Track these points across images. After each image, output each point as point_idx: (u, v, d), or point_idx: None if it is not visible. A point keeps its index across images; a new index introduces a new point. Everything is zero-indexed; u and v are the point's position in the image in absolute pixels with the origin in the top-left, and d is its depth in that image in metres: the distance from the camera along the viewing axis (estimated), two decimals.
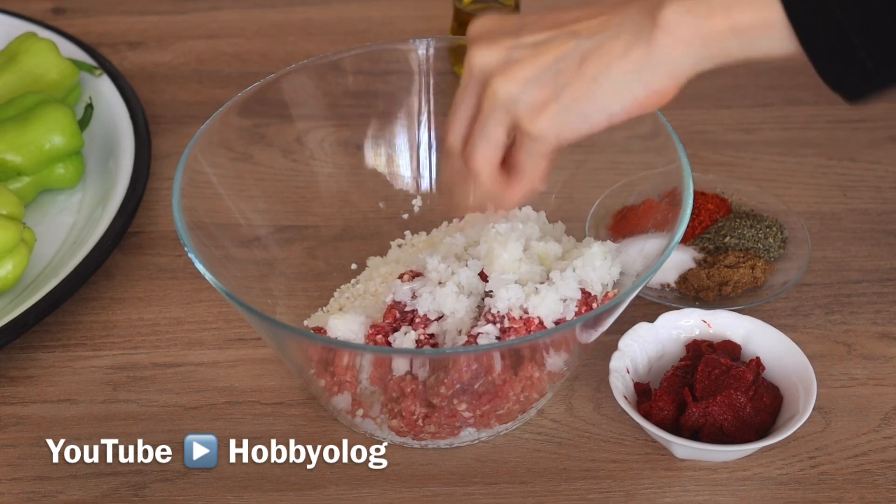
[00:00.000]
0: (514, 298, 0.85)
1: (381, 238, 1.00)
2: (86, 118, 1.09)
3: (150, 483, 0.87)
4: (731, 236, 1.00)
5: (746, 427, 0.86)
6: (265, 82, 0.95)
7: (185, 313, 0.99)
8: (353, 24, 1.29)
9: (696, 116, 1.16)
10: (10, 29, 1.19)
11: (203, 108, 1.17)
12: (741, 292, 0.98)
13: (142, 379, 0.94)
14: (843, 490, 0.86)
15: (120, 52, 1.26)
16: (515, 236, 0.88)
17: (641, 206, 0.97)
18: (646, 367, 0.91)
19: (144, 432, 0.89)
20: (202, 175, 0.91)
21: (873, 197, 1.08)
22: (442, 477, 0.87)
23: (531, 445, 0.89)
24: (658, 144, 0.91)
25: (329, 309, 0.96)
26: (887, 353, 0.95)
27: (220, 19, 1.30)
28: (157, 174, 1.10)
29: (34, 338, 0.97)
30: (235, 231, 0.94)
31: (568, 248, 0.91)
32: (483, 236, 0.89)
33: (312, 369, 0.86)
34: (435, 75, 1.00)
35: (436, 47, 0.99)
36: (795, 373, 0.88)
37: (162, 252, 1.04)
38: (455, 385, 0.83)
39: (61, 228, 1.04)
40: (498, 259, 0.87)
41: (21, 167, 1.03)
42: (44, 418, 0.91)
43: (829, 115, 1.16)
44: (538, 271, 0.87)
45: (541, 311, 0.85)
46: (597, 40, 0.77)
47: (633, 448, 0.89)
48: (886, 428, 0.90)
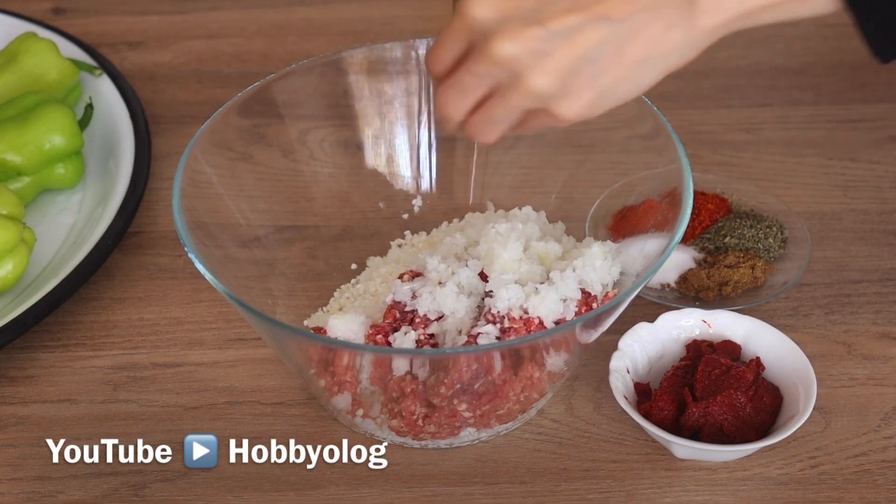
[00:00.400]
0: (514, 298, 0.85)
1: (381, 238, 1.00)
2: (86, 118, 1.09)
3: (150, 483, 0.87)
4: (731, 236, 1.00)
5: (746, 427, 0.86)
6: (265, 82, 0.95)
7: (185, 313, 0.99)
8: (353, 24, 1.29)
9: (696, 116, 1.16)
10: (10, 29, 1.19)
11: (203, 108, 1.17)
12: (741, 292, 0.98)
13: (142, 379, 0.94)
14: (843, 490, 0.86)
15: (120, 52, 1.26)
16: (515, 236, 0.88)
17: (641, 206, 0.97)
18: (646, 367, 0.91)
19: (144, 432, 0.89)
20: (202, 175, 0.91)
21: (873, 197, 1.08)
22: (442, 477, 0.87)
23: (531, 445, 0.89)
24: (658, 144, 0.91)
25: (329, 309, 0.96)
26: (887, 353, 0.95)
27: (220, 19, 1.30)
28: (157, 174, 1.10)
29: (34, 338, 0.97)
30: (235, 231, 0.94)
31: (568, 248, 0.91)
32: (483, 236, 0.89)
33: (312, 369, 0.86)
34: None
35: None
36: (795, 373, 0.88)
37: (162, 252, 1.04)
38: (455, 385, 0.83)
39: (61, 228, 1.04)
40: (498, 259, 0.87)
41: (21, 167, 1.03)
42: (44, 418, 0.91)
43: (829, 115, 1.16)
44: (538, 271, 0.87)
45: (541, 311, 0.85)
46: (631, 24, 0.75)
47: (633, 448, 0.89)
48: (886, 428, 0.90)
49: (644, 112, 0.92)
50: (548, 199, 0.98)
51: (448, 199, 1.02)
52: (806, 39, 1.25)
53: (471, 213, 1.00)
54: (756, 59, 1.23)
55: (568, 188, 0.99)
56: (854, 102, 1.17)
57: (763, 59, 1.23)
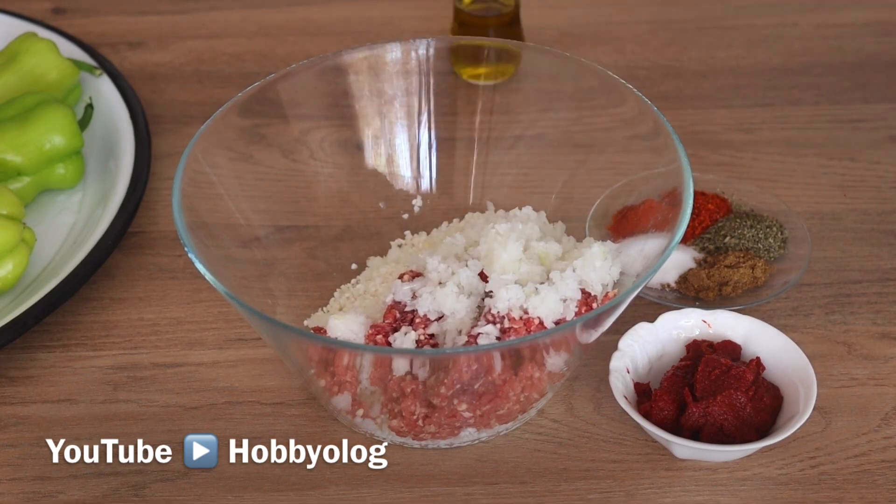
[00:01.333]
0: (514, 299, 0.85)
1: (381, 238, 1.00)
2: (86, 118, 1.09)
3: (150, 483, 0.87)
4: (731, 236, 1.00)
5: (746, 427, 0.86)
6: (265, 82, 0.95)
7: (185, 313, 0.99)
8: (353, 24, 1.29)
9: (696, 116, 1.16)
10: (10, 29, 1.19)
11: (203, 108, 1.17)
12: (741, 292, 0.98)
13: (142, 379, 0.94)
14: (843, 490, 0.86)
15: (120, 52, 1.26)
16: (515, 236, 0.88)
17: (641, 206, 0.97)
18: (646, 367, 0.91)
19: (144, 432, 0.89)
20: (202, 175, 0.91)
21: (873, 197, 1.08)
22: (442, 477, 0.87)
23: (531, 445, 0.89)
24: (658, 144, 0.91)
25: (329, 309, 0.96)
26: (887, 353, 0.95)
27: (220, 19, 1.30)
28: (157, 174, 1.10)
29: (34, 338, 0.97)
30: (235, 231, 0.94)
31: (568, 248, 0.91)
32: (483, 236, 0.89)
33: (312, 369, 0.86)
34: (435, 75, 1.00)
35: (436, 47, 0.99)
36: (795, 373, 0.88)
37: (162, 252, 1.04)
38: (455, 385, 0.83)
39: (61, 228, 1.04)
40: (498, 259, 0.87)
41: (21, 167, 1.03)
42: (44, 418, 0.91)
43: (829, 115, 1.16)
44: (538, 271, 0.87)
45: (541, 311, 0.85)
46: None
47: (633, 448, 0.89)
48: (886, 428, 0.90)
49: (644, 112, 0.92)
50: (548, 199, 0.98)
51: (448, 199, 1.02)
52: (806, 39, 1.26)
53: (471, 213, 1.00)
54: (756, 59, 1.23)
55: (568, 188, 0.99)
56: (854, 102, 1.17)
57: (763, 59, 1.23)
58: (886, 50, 1.23)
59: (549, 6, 1.30)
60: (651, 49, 1.25)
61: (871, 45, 1.24)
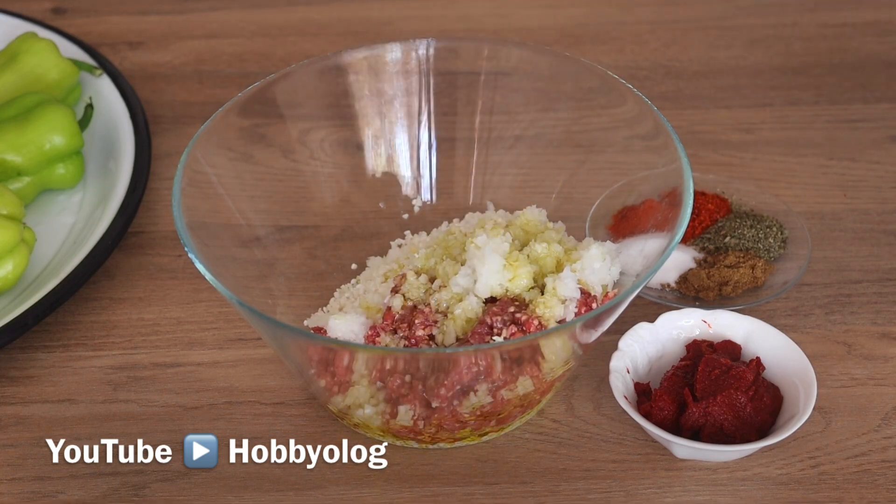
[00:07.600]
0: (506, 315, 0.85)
1: (381, 238, 1.00)
2: (86, 118, 1.09)
3: (150, 483, 0.87)
4: (731, 236, 1.00)
5: (746, 427, 0.86)
6: (265, 82, 0.95)
7: (185, 313, 0.99)
8: (353, 24, 1.29)
9: (696, 116, 1.16)
10: (10, 29, 1.19)
11: (203, 108, 1.17)
12: (741, 292, 0.98)
13: (142, 379, 0.94)
14: (843, 490, 0.86)
15: (120, 52, 1.26)
16: (492, 247, 0.87)
17: (641, 206, 0.97)
18: (646, 367, 0.91)
19: (144, 432, 0.90)
20: (202, 175, 0.91)
21: (873, 197, 1.08)
22: (442, 477, 0.87)
23: (531, 445, 0.89)
24: (658, 144, 0.91)
25: (329, 309, 0.96)
26: (887, 353, 0.95)
27: (220, 19, 1.30)
28: (157, 174, 1.10)
29: (34, 338, 0.97)
30: (235, 231, 0.94)
31: (568, 248, 0.91)
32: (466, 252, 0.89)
33: (313, 369, 0.86)
34: (435, 75, 1.00)
35: (436, 47, 0.99)
36: (795, 373, 0.88)
37: (162, 252, 1.04)
38: (455, 386, 0.83)
39: (61, 228, 1.04)
40: (481, 277, 0.87)
41: (21, 167, 1.03)
42: (44, 418, 0.91)
43: (829, 115, 1.16)
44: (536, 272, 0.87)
45: (541, 311, 0.85)
46: None
47: (633, 448, 0.89)
48: (886, 428, 0.90)
49: (644, 112, 0.92)
50: (548, 199, 0.98)
51: (448, 199, 1.02)
52: (806, 39, 1.26)
53: (471, 213, 1.00)
54: (756, 59, 1.23)
55: (568, 188, 0.99)
56: (854, 102, 1.17)
57: (763, 59, 1.23)
58: (887, 50, 1.23)
59: (549, 6, 1.30)
60: (651, 49, 1.25)
61: (872, 45, 1.24)
